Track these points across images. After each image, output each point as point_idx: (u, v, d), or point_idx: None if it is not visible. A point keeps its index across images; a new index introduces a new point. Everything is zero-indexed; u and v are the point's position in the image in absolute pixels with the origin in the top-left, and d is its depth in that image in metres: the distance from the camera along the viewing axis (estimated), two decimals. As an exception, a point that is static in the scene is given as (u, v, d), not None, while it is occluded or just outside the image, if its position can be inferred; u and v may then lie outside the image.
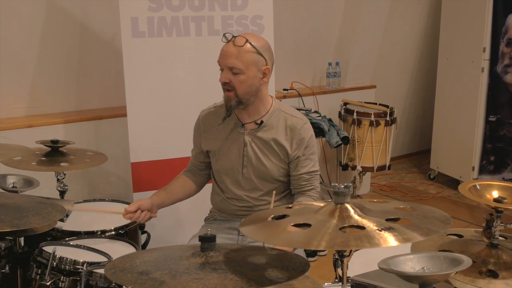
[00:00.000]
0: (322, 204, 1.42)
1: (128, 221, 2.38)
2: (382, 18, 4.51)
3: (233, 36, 2.03)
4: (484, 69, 4.26)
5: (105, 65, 3.46)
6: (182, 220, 3.04)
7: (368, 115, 3.96)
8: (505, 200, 1.72)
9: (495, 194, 1.76)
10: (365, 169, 4.09)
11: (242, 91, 2.04)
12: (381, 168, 4.12)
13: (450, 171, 4.80)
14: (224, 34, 2.09)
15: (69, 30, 3.33)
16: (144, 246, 2.57)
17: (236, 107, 2.07)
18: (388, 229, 1.23)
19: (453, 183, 4.79)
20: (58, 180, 2.56)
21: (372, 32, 4.48)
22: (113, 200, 2.69)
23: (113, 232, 2.31)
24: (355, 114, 3.98)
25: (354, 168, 4.09)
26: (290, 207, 1.57)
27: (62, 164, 2.47)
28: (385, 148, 4.07)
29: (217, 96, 3.00)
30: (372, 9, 4.39)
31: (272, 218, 1.44)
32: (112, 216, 2.49)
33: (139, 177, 3.03)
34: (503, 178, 4.50)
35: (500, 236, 1.78)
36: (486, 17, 4.16)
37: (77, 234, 2.23)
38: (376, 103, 4.24)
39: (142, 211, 2.16)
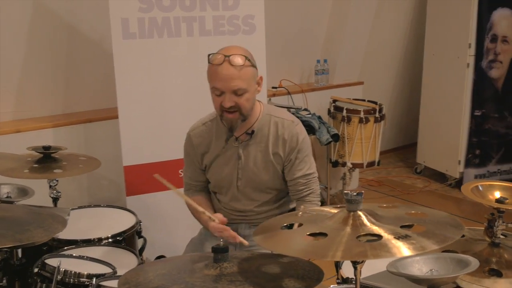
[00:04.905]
0: (334, 211, 1.42)
1: (125, 228, 2.37)
2: (369, 15, 4.52)
3: (225, 56, 1.91)
4: (470, 65, 4.31)
5: (93, 66, 3.40)
6: (178, 223, 3.01)
7: (358, 112, 3.98)
8: (507, 201, 1.74)
9: (497, 194, 1.78)
10: (355, 166, 4.12)
11: (248, 108, 1.97)
12: (371, 164, 4.15)
13: (436, 165, 4.86)
14: (209, 56, 1.98)
15: (57, 31, 3.26)
16: (141, 251, 2.55)
17: (240, 125, 2.00)
18: (405, 237, 1.24)
19: (439, 177, 4.86)
20: (50, 186, 2.51)
21: (359, 29, 4.49)
22: (109, 206, 2.66)
23: (110, 240, 2.28)
24: (344, 111, 3.99)
25: (344, 164, 4.11)
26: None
27: (55, 171, 2.42)
28: (374, 144, 4.10)
29: (209, 96, 2.98)
30: (360, 7, 4.40)
31: (282, 227, 1.44)
32: (108, 222, 2.47)
33: (132, 180, 3.00)
34: (488, 171, 4.58)
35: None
36: (472, 13, 4.21)
37: (74, 243, 2.20)
38: (364, 100, 4.26)
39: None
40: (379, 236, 1.25)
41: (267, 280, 1.30)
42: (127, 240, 2.37)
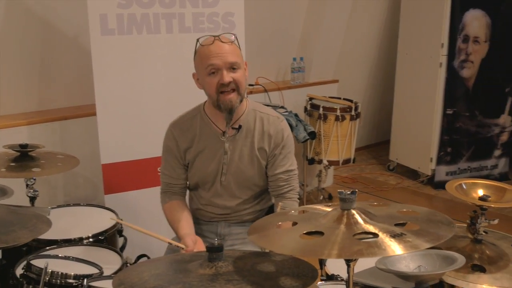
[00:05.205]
0: (328, 209, 1.43)
1: (107, 227, 2.34)
2: (345, 14, 4.58)
3: (215, 36, 1.95)
4: (442, 64, 4.41)
5: (69, 63, 3.34)
6: (158, 222, 2.98)
7: (334, 110, 4.02)
8: (490, 198, 1.79)
9: (480, 192, 1.83)
10: (331, 163, 4.16)
11: (243, 87, 1.97)
12: (346, 161, 4.20)
13: (408, 162, 4.96)
14: (198, 40, 2.01)
15: (31, 26, 3.18)
16: (121, 249, 2.53)
17: (238, 107, 1.98)
18: (400, 235, 1.26)
19: (412, 174, 4.96)
20: (27, 186, 2.46)
21: (334, 28, 4.54)
22: (88, 205, 2.62)
23: (91, 239, 2.25)
24: (321, 109, 4.03)
25: (320, 162, 4.15)
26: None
27: (34, 169, 2.36)
28: (350, 142, 4.15)
29: (188, 93, 2.96)
30: (335, 6, 4.44)
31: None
32: (88, 222, 2.43)
33: (111, 178, 2.95)
34: (459, 168, 4.70)
35: (480, 231, 1.86)
36: (444, 14, 4.30)
37: (55, 243, 2.15)
38: (340, 98, 4.31)
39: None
40: (375, 235, 1.27)
41: (264, 278, 1.30)
42: (108, 239, 2.34)
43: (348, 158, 4.21)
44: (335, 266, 2.03)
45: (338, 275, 1.95)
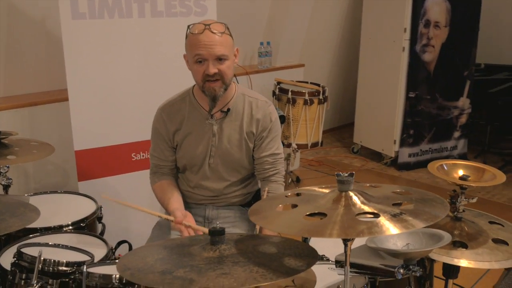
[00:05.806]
0: (326, 191, 1.47)
1: (87, 214, 2.31)
2: (310, -1, 4.62)
3: (206, 25, 1.94)
4: (405, 49, 4.52)
5: (36, 47, 3.23)
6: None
7: (302, 94, 4.07)
8: (469, 178, 1.88)
9: (461, 172, 1.91)
10: (299, 147, 4.22)
11: (229, 77, 1.99)
12: (315, 144, 4.27)
13: (372, 144, 5.08)
14: (188, 26, 2.01)
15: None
16: (100, 235, 2.50)
17: (222, 95, 2.00)
18: (400, 214, 1.31)
19: (376, 156, 5.09)
20: (0, 173, 2.40)
21: (300, 12, 4.57)
22: (66, 192, 2.57)
23: (71, 226, 2.22)
24: (290, 93, 4.07)
25: (289, 145, 4.20)
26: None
27: (8, 157, 2.30)
28: (318, 126, 4.22)
29: (161, 77, 2.94)
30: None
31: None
32: (67, 209, 2.39)
33: (84, 165, 2.90)
34: (421, 150, 4.86)
35: (457, 209, 1.94)
36: (407, -1, 4.41)
37: (34, 231, 2.11)
38: (307, 82, 4.36)
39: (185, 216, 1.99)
40: (376, 215, 1.31)
41: (268, 259, 1.33)
42: (89, 226, 2.32)
43: (316, 142, 4.28)
44: (319, 246, 2.07)
45: (324, 255, 2.01)
